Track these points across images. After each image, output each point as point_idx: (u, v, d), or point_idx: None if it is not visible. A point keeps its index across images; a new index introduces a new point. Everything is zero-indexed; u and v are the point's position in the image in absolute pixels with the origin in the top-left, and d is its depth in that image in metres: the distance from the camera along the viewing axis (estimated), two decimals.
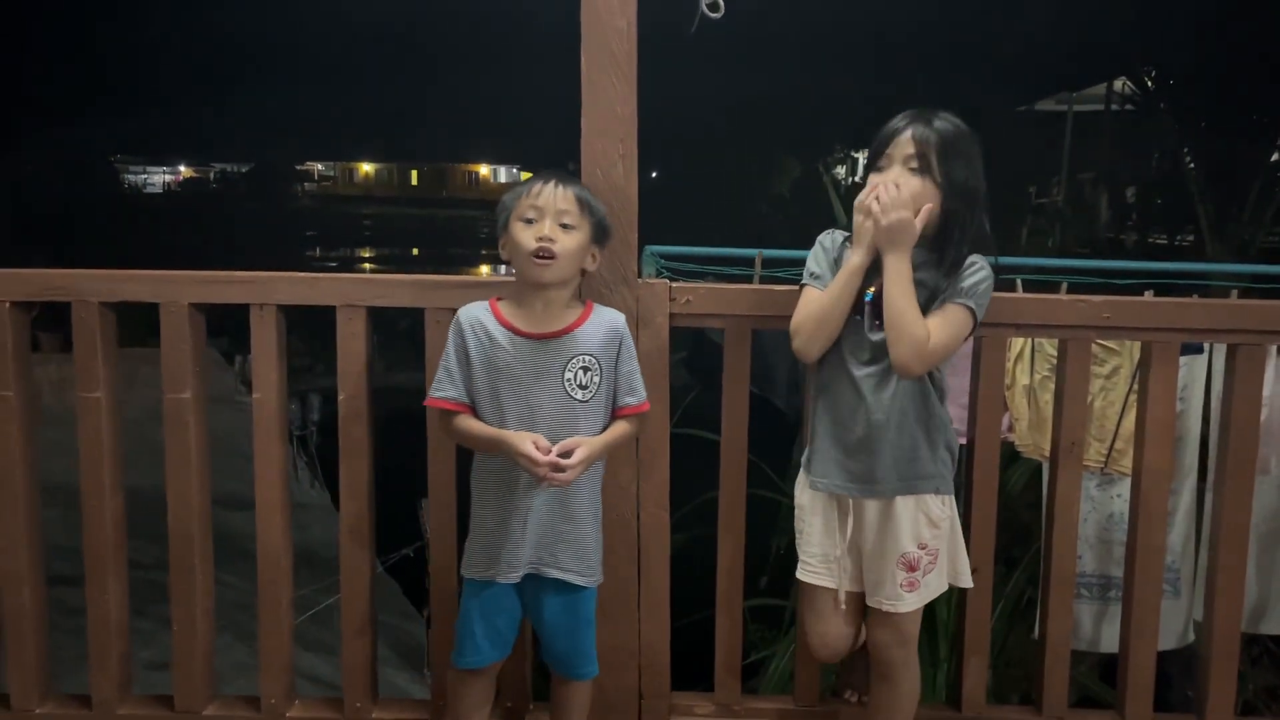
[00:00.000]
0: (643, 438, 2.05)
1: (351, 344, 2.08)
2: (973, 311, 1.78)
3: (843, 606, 1.90)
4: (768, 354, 3.56)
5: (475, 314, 1.86)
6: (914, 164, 1.76)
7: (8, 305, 2.07)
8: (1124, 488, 2.38)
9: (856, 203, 1.77)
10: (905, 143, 1.77)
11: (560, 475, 1.74)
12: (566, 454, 1.75)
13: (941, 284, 1.79)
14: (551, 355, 1.82)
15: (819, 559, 1.91)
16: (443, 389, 1.85)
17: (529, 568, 1.87)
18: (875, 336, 1.79)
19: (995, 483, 2.14)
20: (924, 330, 1.73)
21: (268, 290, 2.07)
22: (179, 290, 2.07)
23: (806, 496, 1.93)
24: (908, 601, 1.84)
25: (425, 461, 2.12)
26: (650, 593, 2.12)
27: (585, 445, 1.78)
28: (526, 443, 1.75)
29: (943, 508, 1.86)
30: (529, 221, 1.80)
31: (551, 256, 1.78)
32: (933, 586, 1.87)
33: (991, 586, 2.17)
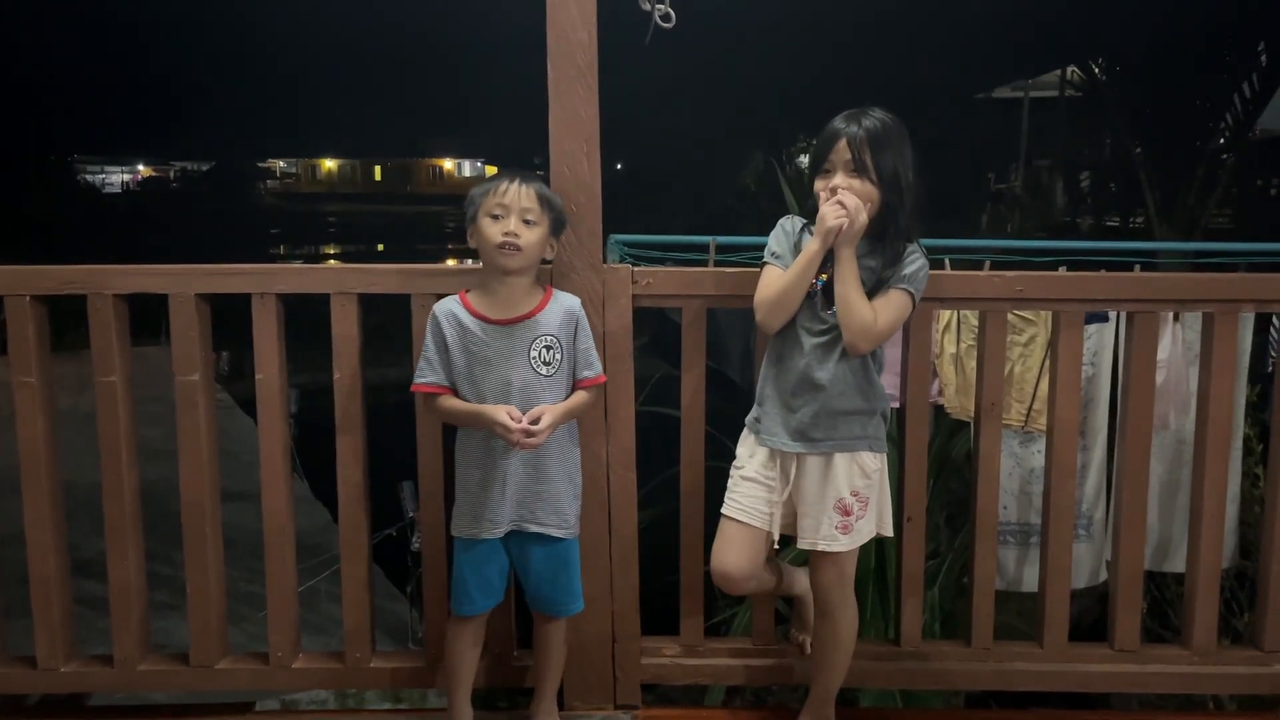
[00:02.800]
0: (610, 406, 2.29)
1: (345, 328, 2.30)
2: (912, 295, 2.05)
3: (777, 548, 2.15)
4: (723, 332, 3.82)
5: (449, 307, 2.12)
6: (852, 167, 2.00)
7: (28, 299, 2.27)
8: (1043, 444, 2.64)
9: (822, 211, 1.97)
10: (843, 148, 2.00)
11: (531, 440, 2.00)
12: (535, 421, 2.01)
13: (885, 270, 2.04)
14: (518, 337, 2.08)
15: (748, 499, 2.13)
16: (424, 375, 2.11)
17: (511, 525, 2.12)
18: (826, 313, 2.04)
19: (925, 442, 2.40)
20: (871, 314, 2.00)
21: (268, 280, 2.28)
22: (187, 282, 2.28)
23: (746, 449, 2.17)
24: (842, 542, 2.09)
25: (402, 448, 2.35)
26: (620, 545, 2.36)
27: (550, 412, 2.04)
28: (501, 413, 2.01)
29: (874, 461, 2.11)
30: (496, 217, 2.05)
31: (518, 249, 2.03)
32: (863, 531, 2.11)
33: (924, 535, 2.41)
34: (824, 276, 2.03)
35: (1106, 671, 2.41)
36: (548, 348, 2.09)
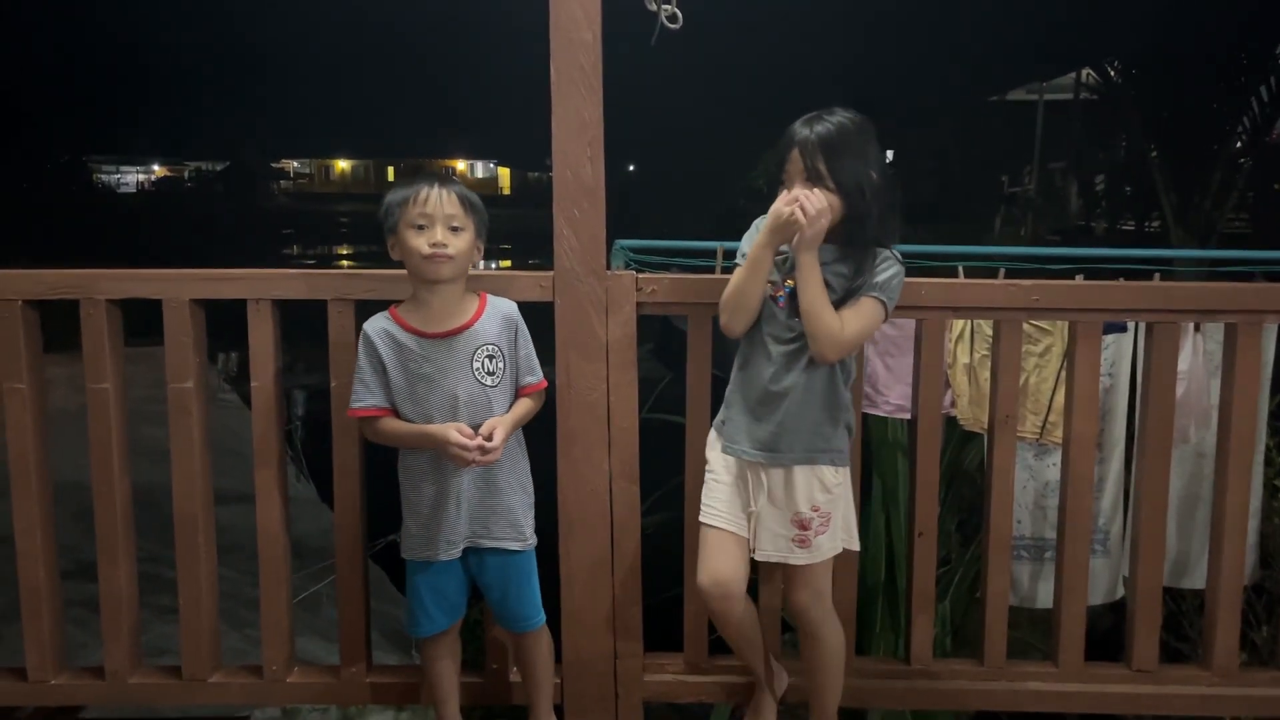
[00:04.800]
0: (613, 416, 2.23)
1: (342, 334, 2.24)
2: (884, 304, 1.95)
3: (750, 550, 2.05)
4: (728, 339, 3.74)
5: (380, 325, 2.03)
6: (808, 175, 1.90)
7: (20, 303, 2.22)
8: (1059, 457, 2.56)
9: (778, 204, 1.90)
10: (796, 157, 1.92)
11: (487, 456, 1.94)
12: (488, 436, 1.94)
13: (856, 278, 1.95)
14: (459, 350, 2.00)
15: (725, 505, 2.05)
16: (361, 399, 2.02)
17: (466, 542, 2.06)
18: (793, 321, 1.96)
19: (937, 454, 2.33)
20: (837, 322, 1.91)
21: (264, 286, 2.23)
22: (180, 287, 2.23)
23: (716, 454, 2.10)
24: (798, 556, 2.01)
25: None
26: (622, 559, 2.29)
27: (501, 425, 1.97)
28: (451, 432, 1.93)
29: (836, 476, 2.03)
30: (420, 228, 1.96)
31: (449, 258, 1.95)
32: (824, 547, 2.03)
33: (935, 551, 2.35)
34: (791, 283, 1.95)
35: (1124, 692, 2.33)
36: (490, 357, 2.01)
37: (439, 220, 1.95)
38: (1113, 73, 12.95)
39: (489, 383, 2.01)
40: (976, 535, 3.79)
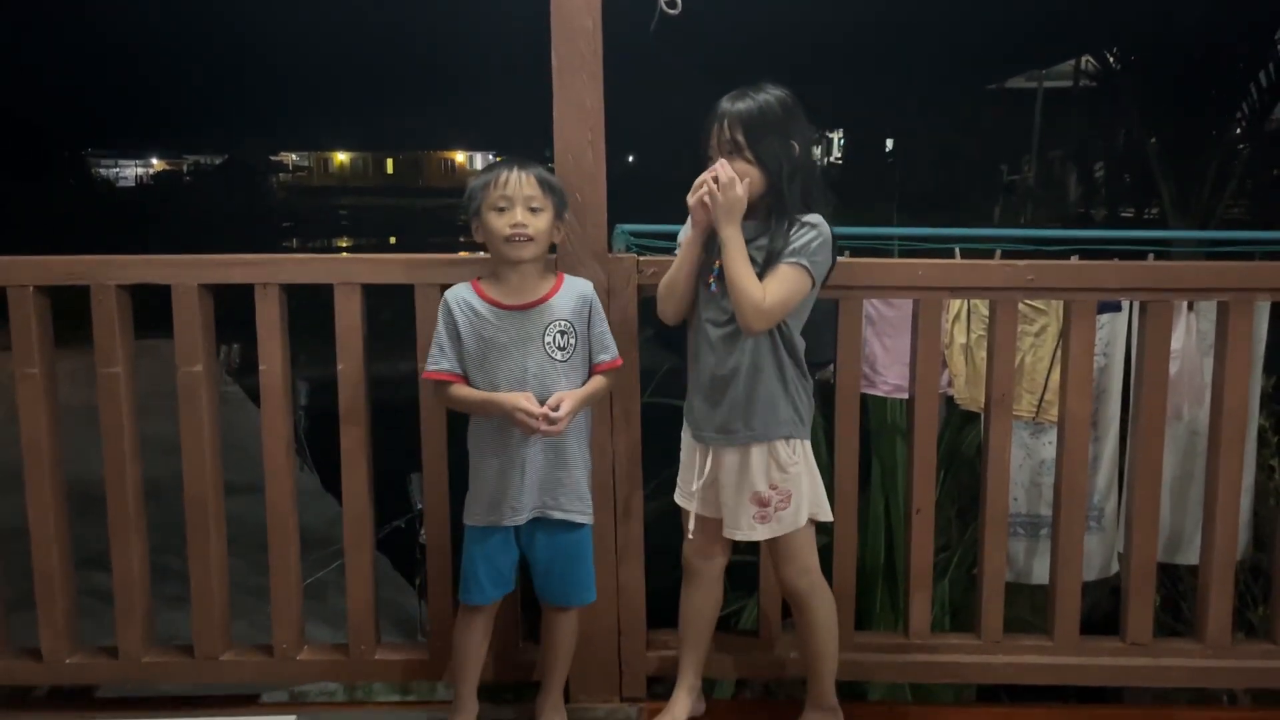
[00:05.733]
0: (616, 398, 2.27)
1: (348, 319, 2.28)
2: (806, 268, 1.96)
3: (692, 526, 2.13)
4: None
5: (460, 294, 2.09)
6: (728, 148, 1.97)
7: (31, 290, 2.26)
8: (1054, 435, 2.60)
9: (688, 198, 1.97)
10: (715, 131, 1.99)
11: (553, 427, 1.98)
12: (555, 408, 1.98)
13: (778, 249, 1.98)
14: (532, 323, 2.05)
15: (686, 486, 2.15)
16: (436, 362, 2.08)
17: (534, 512, 2.10)
18: (725, 302, 2.01)
19: (934, 433, 2.37)
20: (759, 291, 1.94)
21: (271, 271, 2.26)
22: (189, 273, 2.26)
23: (686, 437, 2.17)
24: (760, 532, 2.06)
25: (411, 440, 2.32)
26: (626, 538, 2.34)
27: (570, 398, 2.02)
28: (520, 400, 1.99)
29: (792, 454, 2.06)
30: (500, 210, 2.02)
31: (529, 239, 2.01)
32: (786, 521, 2.07)
33: (933, 528, 2.39)
34: (719, 264, 1.99)
35: (1119, 665, 2.38)
36: (562, 333, 2.07)
37: (519, 201, 2.01)
38: (1112, 60, 12.94)
39: (559, 357, 2.06)
40: (975, 519, 3.84)
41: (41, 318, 2.28)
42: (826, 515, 2.16)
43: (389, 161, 70.22)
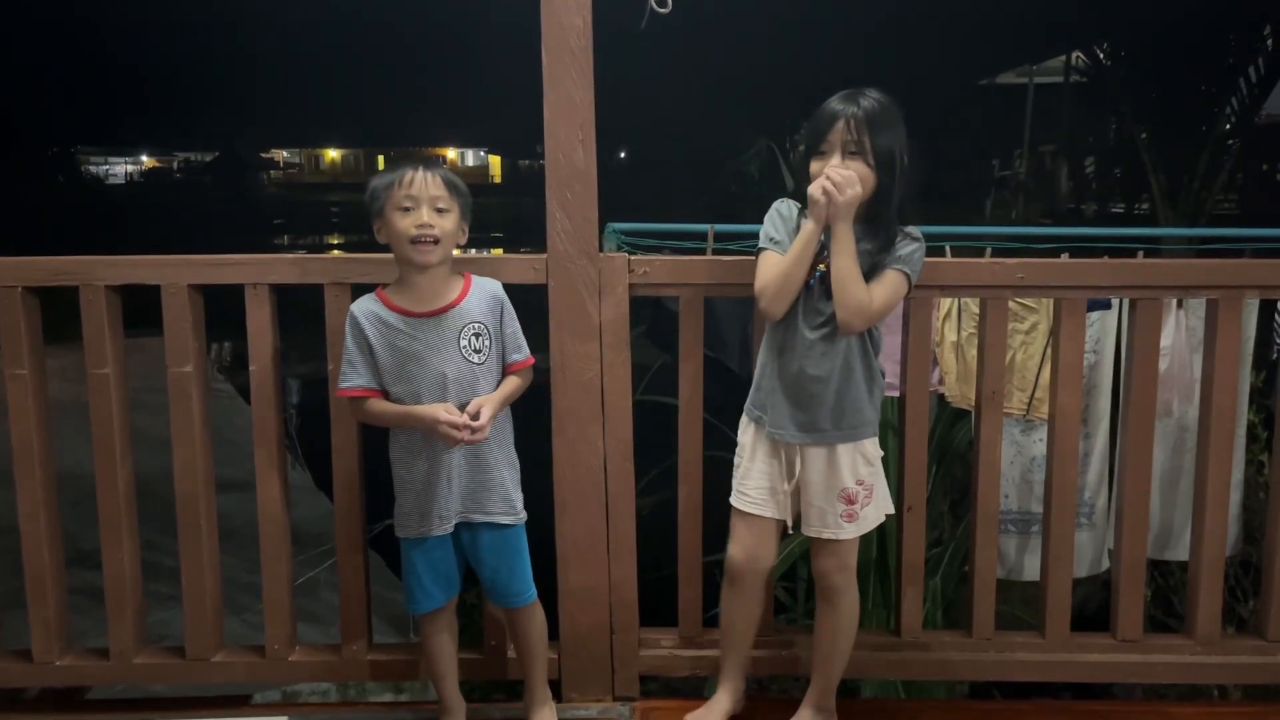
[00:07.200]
0: (607, 396, 2.27)
1: (339, 319, 2.27)
2: (908, 276, 2.02)
3: (790, 532, 2.13)
4: (721, 320, 3.79)
5: (367, 306, 2.06)
6: (851, 148, 1.96)
7: (19, 290, 2.25)
8: (1044, 432, 2.61)
9: (811, 189, 1.95)
10: (840, 129, 1.97)
11: (476, 435, 1.97)
12: (475, 415, 1.97)
13: (879, 254, 2.01)
14: (446, 328, 2.03)
15: (758, 491, 2.12)
16: (349, 379, 2.05)
17: (459, 517, 2.09)
18: (823, 304, 2.01)
19: (925, 430, 2.38)
20: (866, 293, 1.97)
21: (261, 271, 2.26)
22: (179, 272, 2.25)
23: (749, 437, 2.14)
24: (848, 530, 2.08)
25: None
26: (618, 536, 2.34)
27: (489, 403, 2.00)
28: (440, 411, 1.96)
29: (875, 448, 2.10)
30: (406, 210, 1.99)
31: (435, 241, 1.98)
32: (870, 518, 2.10)
33: (924, 524, 2.39)
34: (822, 267, 2.00)
35: (1109, 661, 2.39)
36: (476, 335, 2.04)
37: (424, 202, 1.98)
38: (1102, 55, 12.97)
39: (476, 360, 2.04)
40: (967, 515, 3.85)
41: (30, 319, 2.27)
42: (892, 508, 2.19)
43: (380, 158, 70.04)
